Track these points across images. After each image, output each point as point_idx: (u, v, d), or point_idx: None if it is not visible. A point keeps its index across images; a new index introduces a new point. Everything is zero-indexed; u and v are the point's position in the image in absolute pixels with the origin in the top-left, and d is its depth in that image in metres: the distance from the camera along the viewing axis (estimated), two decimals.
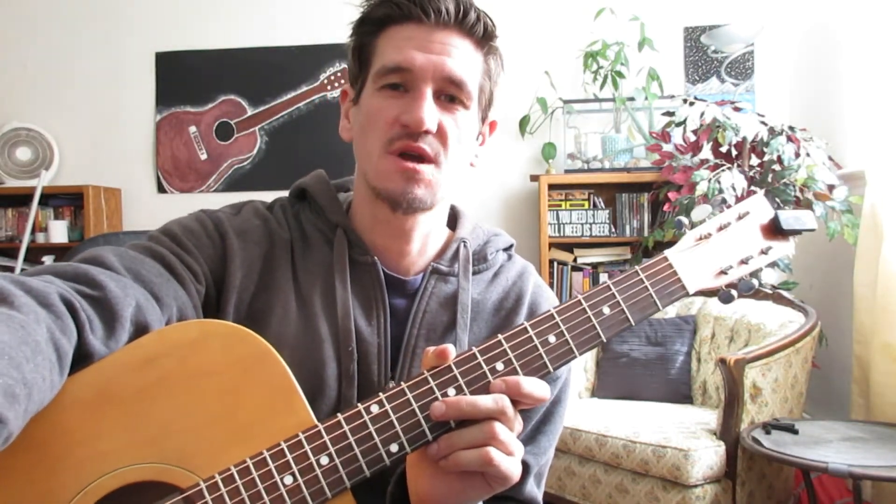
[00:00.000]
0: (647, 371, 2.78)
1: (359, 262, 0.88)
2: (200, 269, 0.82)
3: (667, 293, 0.76)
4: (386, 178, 0.82)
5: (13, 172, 4.01)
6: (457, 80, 0.82)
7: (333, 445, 0.65)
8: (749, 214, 0.82)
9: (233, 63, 4.00)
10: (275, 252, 0.87)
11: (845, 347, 2.81)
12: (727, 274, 0.79)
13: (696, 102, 2.99)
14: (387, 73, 0.82)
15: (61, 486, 0.62)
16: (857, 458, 1.88)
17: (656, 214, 3.50)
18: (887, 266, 2.45)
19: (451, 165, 0.84)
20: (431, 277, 0.90)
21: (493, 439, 0.66)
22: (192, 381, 0.66)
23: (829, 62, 3.22)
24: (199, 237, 0.84)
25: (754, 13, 3.57)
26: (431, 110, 0.81)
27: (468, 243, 0.93)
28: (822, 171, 2.73)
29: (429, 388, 0.68)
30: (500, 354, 0.70)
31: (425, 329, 0.87)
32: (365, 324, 0.86)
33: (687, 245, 0.80)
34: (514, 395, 0.67)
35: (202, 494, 0.62)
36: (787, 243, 0.82)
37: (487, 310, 0.91)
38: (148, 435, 0.64)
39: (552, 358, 0.71)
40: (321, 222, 0.90)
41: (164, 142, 4.06)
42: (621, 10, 3.57)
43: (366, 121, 0.84)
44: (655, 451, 2.23)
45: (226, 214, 0.88)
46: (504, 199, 3.82)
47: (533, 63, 3.74)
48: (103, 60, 4.07)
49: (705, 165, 2.92)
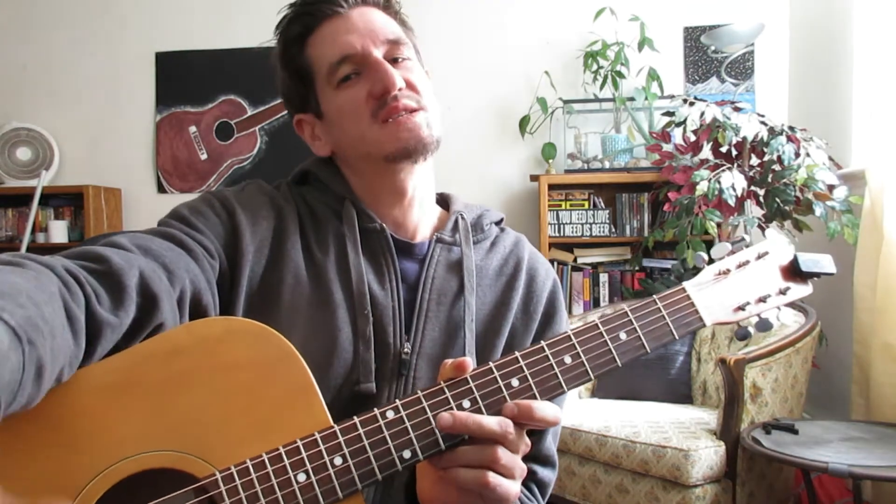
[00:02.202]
0: (647, 371, 2.78)
1: (368, 230, 0.91)
2: (213, 245, 0.83)
3: (683, 323, 0.78)
4: (392, 140, 0.87)
5: (13, 172, 4.01)
6: (394, 39, 0.89)
7: (348, 447, 0.67)
8: (768, 255, 0.84)
9: (233, 63, 4.00)
10: (283, 225, 0.90)
11: (845, 347, 2.80)
12: (744, 310, 0.81)
13: (696, 102, 2.99)
14: (336, 67, 0.88)
15: (81, 466, 0.64)
16: (857, 458, 1.88)
17: (656, 214, 3.50)
18: (887, 266, 2.45)
19: (432, 106, 0.90)
20: (437, 246, 0.94)
21: (493, 463, 0.67)
22: (215, 375, 0.68)
23: (828, 62, 3.22)
24: (207, 216, 0.86)
25: (754, 13, 3.57)
26: (393, 70, 0.87)
27: (465, 215, 0.98)
28: (822, 171, 2.73)
29: (444, 399, 0.70)
30: (516, 371, 0.72)
31: (436, 293, 0.91)
32: (378, 288, 0.89)
33: (706, 279, 0.82)
34: (525, 419, 0.69)
35: (217, 484, 0.64)
36: (805, 286, 0.84)
37: (490, 275, 0.96)
38: (169, 423, 0.66)
39: (567, 378, 0.72)
40: (328, 198, 0.94)
41: (164, 142, 4.06)
42: (621, 10, 3.57)
43: (341, 117, 0.90)
44: (655, 451, 2.23)
45: (231, 192, 0.91)
46: (504, 199, 3.82)
47: (533, 63, 3.74)
48: (103, 60, 4.07)
49: (705, 165, 2.92)
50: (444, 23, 3.78)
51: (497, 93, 3.80)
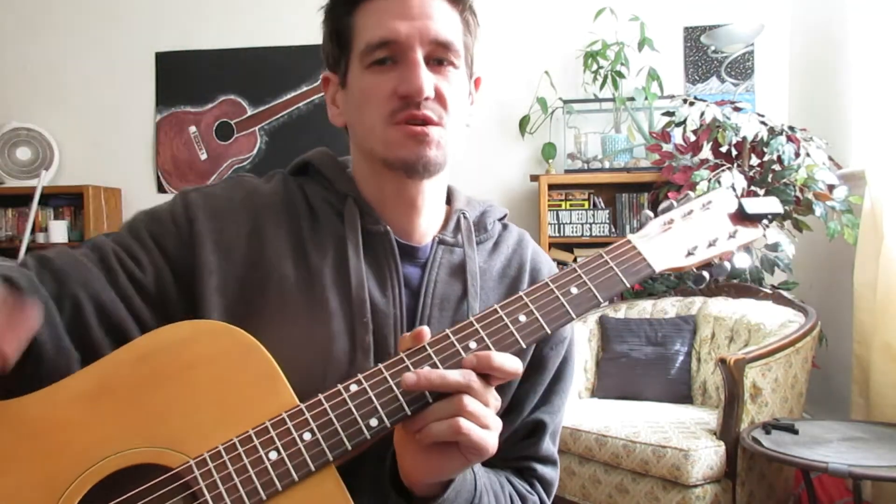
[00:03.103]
0: (647, 371, 2.78)
1: (371, 232, 0.87)
2: (155, 260, 0.81)
3: (633, 272, 0.78)
4: (397, 146, 0.82)
5: (13, 172, 4.01)
6: (444, 42, 0.82)
7: (315, 421, 0.69)
8: (712, 203, 0.85)
9: (233, 63, 4.00)
10: (261, 228, 0.85)
11: (845, 347, 2.81)
12: (694, 254, 0.81)
13: (696, 102, 2.99)
14: (373, 49, 0.81)
15: (61, 471, 0.67)
16: (857, 458, 1.88)
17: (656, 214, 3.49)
18: (887, 266, 2.45)
19: (453, 125, 0.84)
20: (439, 248, 0.90)
21: (462, 410, 0.68)
22: (183, 372, 0.71)
23: (829, 62, 3.22)
24: (163, 224, 0.83)
25: (754, 13, 3.57)
26: (427, 76, 0.81)
27: (467, 214, 0.94)
28: (822, 171, 2.73)
29: (404, 367, 0.71)
30: (472, 334, 0.73)
31: (438, 299, 0.88)
32: (380, 295, 0.85)
33: (652, 231, 0.83)
34: (484, 368, 0.70)
35: (191, 470, 0.67)
36: (755, 229, 0.84)
37: (493, 278, 0.92)
38: (142, 422, 0.69)
39: (524, 335, 0.73)
40: (329, 194, 0.89)
41: (164, 142, 4.06)
42: (621, 10, 3.57)
43: (361, 100, 0.84)
44: (655, 451, 2.23)
45: (201, 194, 0.87)
46: (504, 199, 3.82)
47: (533, 63, 3.74)
48: (103, 60, 4.06)
49: (705, 165, 2.92)
50: None
51: (497, 93, 3.80)
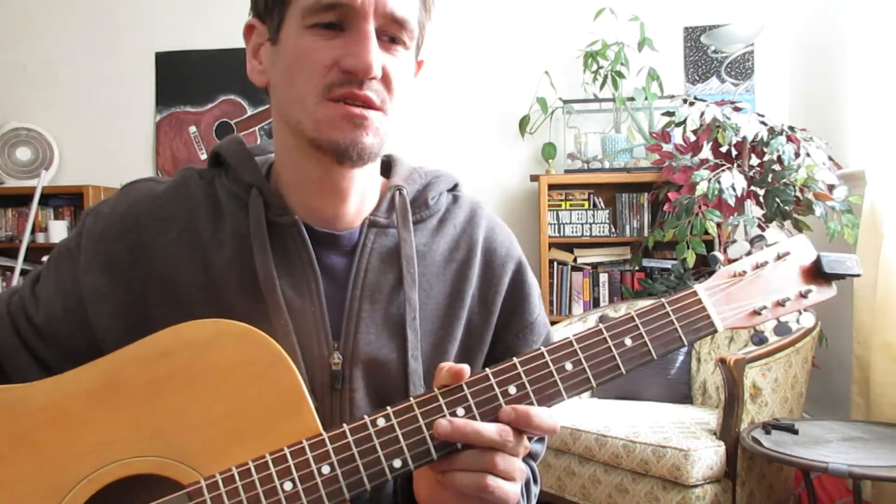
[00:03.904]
0: (647, 371, 2.78)
1: (278, 224, 0.78)
2: (50, 304, 0.80)
3: (693, 329, 0.73)
4: (329, 127, 0.72)
5: (13, 172, 4.01)
6: (400, 19, 0.73)
7: (336, 455, 0.64)
8: (789, 255, 0.78)
9: (233, 63, 3.99)
10: (150, 239, 0.78)
11: (845, 347, 2.80)
12: (760, 315, 0.75)
13: (696, 102, 2.99)
14: (321, 9, 0.71)
15: (66, 471, 0.64)
16: (857, 458, 1.88)
17: (656, 214, 3.49)
18: (887, 266, 2.45)
19: (395, 112, 0.75)
20: (370, 232, 0.81)
21: (493, 468, 0.65)
22: (201, 378, 0.67)
23: (828, 62, 3.22)
24: (59, 266, 0.81)
25: (754, 13, 3.57)
26: (377, 53, 0.72)
27: (404, 190, 0.84)
28: (822, 171, 2.73)
29: (437, 406, 0.67)
30: (513, 378, 0.68)
31: (369, 290, 0.79)
32: (293, 293, 0.76)
33: (719, 282, 0.76)
34: (522, 426, 0.66)
35: (201, 492, 0.63)
36: (828, 289, 0.78)
37: (437, 262, 0.82)
38: (154, 428, 0.65)
39: (567, 386, 0.69)
40: (235, 185, 0.80)
41: (164, 142, 4.06)
42: (621, 10, 3.57)
43: (294, 64, 0.73)
44: (655, 451, 2.23)
45: (94, 215, 0.81)
46: (504, 199, 3.82)
47: (533, 63, 3.74)
48: (103, 60, 4.06)
49: (705, 165, 2.92)
50: (444, 23, 3.78)
51: (497, 93, 3.80)
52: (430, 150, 3.71)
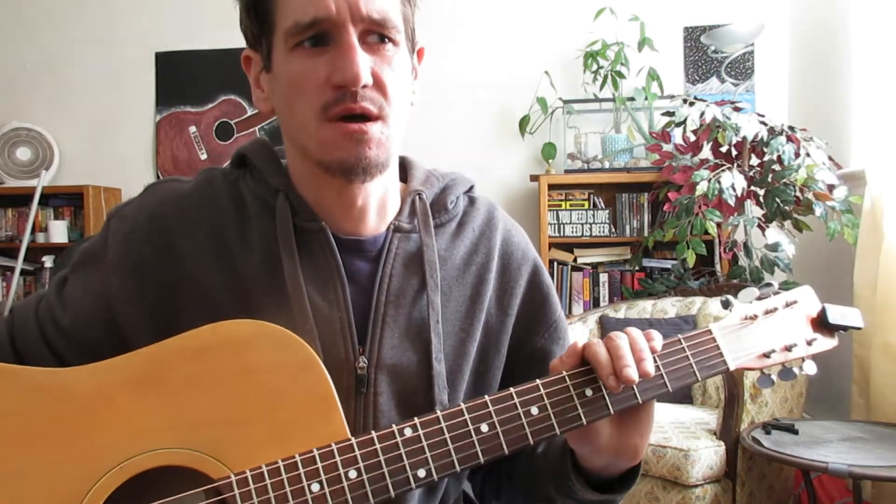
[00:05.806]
0: None
1: (306, 230, 0.79)
2: (77, 307, 0.80)
3: (707, 365, 0.76)
4: (333, 148, 0.73)
5: (13, 172, 4.01)
6: (379, 20, 0.72)
7: (363, 461, 0.66)
8: (797, 304, 0.83)
9: (233, 63, 3.97)
10: (177, 240, 0.79)
11: (845, 347, 2.80)
12: (769, 358, 0.79)
13: (696, 102, 2.99)
14: (302, 29, 0.72)
15: (101, 456, 0.66)
16: (857, 458, 1.88)
17: (656, 214, 3.49)
18: (887, 266, 2.45)
19: (396, 116, 0.75)
20: (394, 237, 0.82)
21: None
22: (238, 377, 0.69)
23: (828, 62, 3.22)
24: (87, 272, 0.81)
25: (754, 13, 3.57)
26: (364, 61, 0.71)
27: (424, 194, 0.84)
28: (823, 170, 2.73)
29: (462, 421, 0.69)
30: (535, 399, 0.71)
31: (393, 295, 0.80)
32: (320, 298, 0.77)
33: (732, 323, 0.80)
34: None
35: (231, 487, 0.65)
36: (831, 339, 0.83)
37: (456, 265, 0.84)
38: (189, 422, 0.67)
39: (586, 411, 0.71)
40: (261, 189, 0.81)
41: (164, 142, 4.06)
42: (621, 10, 3.57)
43: (289, 90, 0.74)
44: (655, 451, 2.23)
45: (119, 218, 0.82)
46: (504, 199, 3.82)
47: (533, 63, 3.74)
48: (103, 60, 4.06)
49: (705, 165, 2.92)
50: (443, 22, 3.78)
51: (497, 93, 3.80)
52: (430, 150, 3.69)
